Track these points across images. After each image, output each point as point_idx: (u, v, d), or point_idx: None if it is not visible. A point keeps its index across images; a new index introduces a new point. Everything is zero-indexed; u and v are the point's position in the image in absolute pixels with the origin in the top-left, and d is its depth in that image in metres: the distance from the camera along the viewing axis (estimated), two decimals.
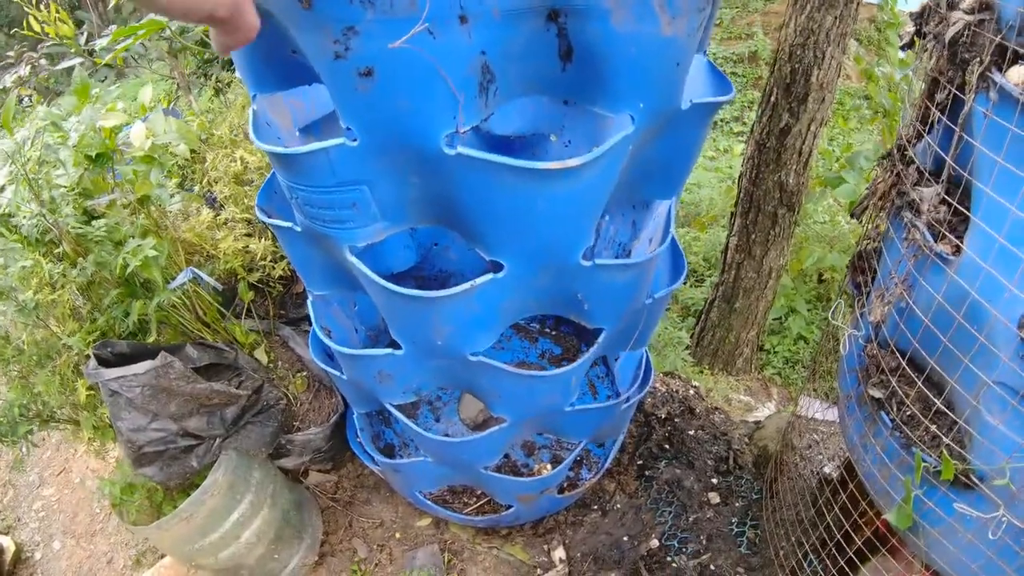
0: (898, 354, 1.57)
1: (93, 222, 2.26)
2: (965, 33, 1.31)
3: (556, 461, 2.62)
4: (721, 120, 6.43)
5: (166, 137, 2.24)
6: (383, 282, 1.59)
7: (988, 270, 1.26)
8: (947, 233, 1.43)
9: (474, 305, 1.61)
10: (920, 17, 1.59)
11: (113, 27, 4.02)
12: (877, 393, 1.58)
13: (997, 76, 1.22)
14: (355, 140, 1.36)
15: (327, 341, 1.93)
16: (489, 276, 1.54)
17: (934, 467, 1.43)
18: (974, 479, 1.37)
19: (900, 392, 1.54)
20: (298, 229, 1.71)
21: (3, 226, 2.15)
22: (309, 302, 2.07)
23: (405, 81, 1.24)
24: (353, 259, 1.61)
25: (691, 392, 3.10)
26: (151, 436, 2.24)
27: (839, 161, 5.12)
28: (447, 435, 2.64)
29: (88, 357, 2.22)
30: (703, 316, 4.84)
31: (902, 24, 4.85)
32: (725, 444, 2.77)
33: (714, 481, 2.69)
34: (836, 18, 4.23)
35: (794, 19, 4.29)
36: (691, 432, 2.80)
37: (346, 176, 1.44)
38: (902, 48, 1.63)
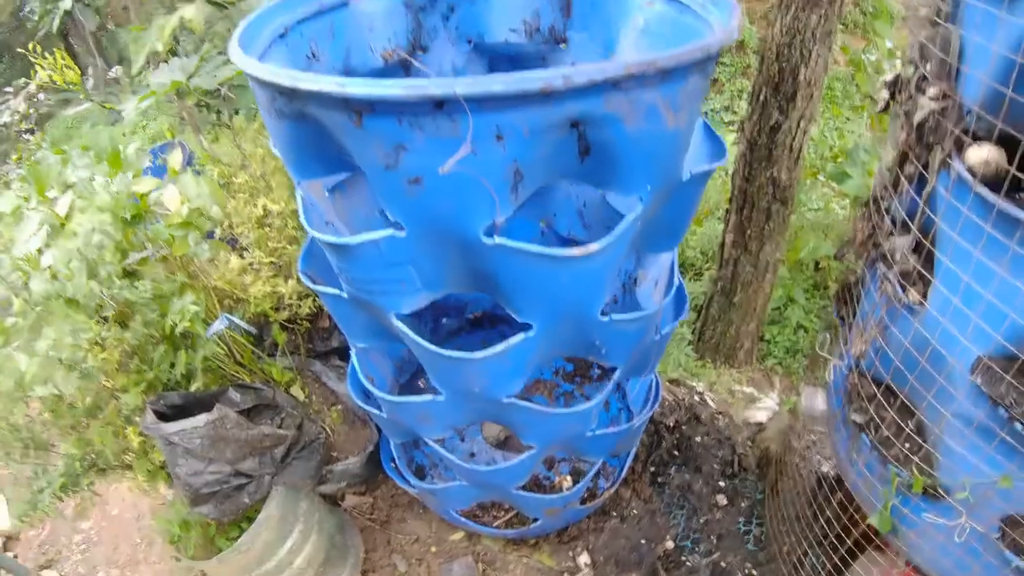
0: (874, 385, 1.89)
1: (135, 283, 2.54)
2: (930, 119, 1.61)
3: (575, 473, 2.94)
4: (711, 110, 6.72)
5: (199, 200, 2.51)
6: (427, 344, 1.88)
7: (946, 324, 1.57)
8: (917, 280, 1.75)
9: (508, 360, 1.91)
10: (893, 86, 1.89)
11: (117, 68, 4.26)
12: (858, 418, 1.91)
13: (956, 163, 1.52)
14: (402, 231, 1.65)
15: (372, 389, 2.23)
16: (521, 336, 1.84)
17: (907, 481, 1.75)
18: (941, 491, 1.70)
19: (876, 418, 1.86)
20: (344, 295, 2.00)
21: (50, 287, 2.40)
22: (352, 352, 2.36)
23: (449, 187, 1.53)
24: (399, 324, 1.90)
25: (696, 399, 3.43)
26: (207, 479, 2.54)
27: (833, 150, 5.42)
28: (472, 454, 2.96)
29: (143, 410, 2.51)
30: (703, 311, 5.15)
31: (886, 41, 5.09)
32: (730, 448, 3.11)
33: (721, 484, 3.02)
34: (820, 17, 4.49)
35: (780, 19, 4.55)
36: (698, 438, 3.13)
37: (393, 259, 1.74)
38: (879, 111, 1.93)
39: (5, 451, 2.60)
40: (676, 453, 3.10)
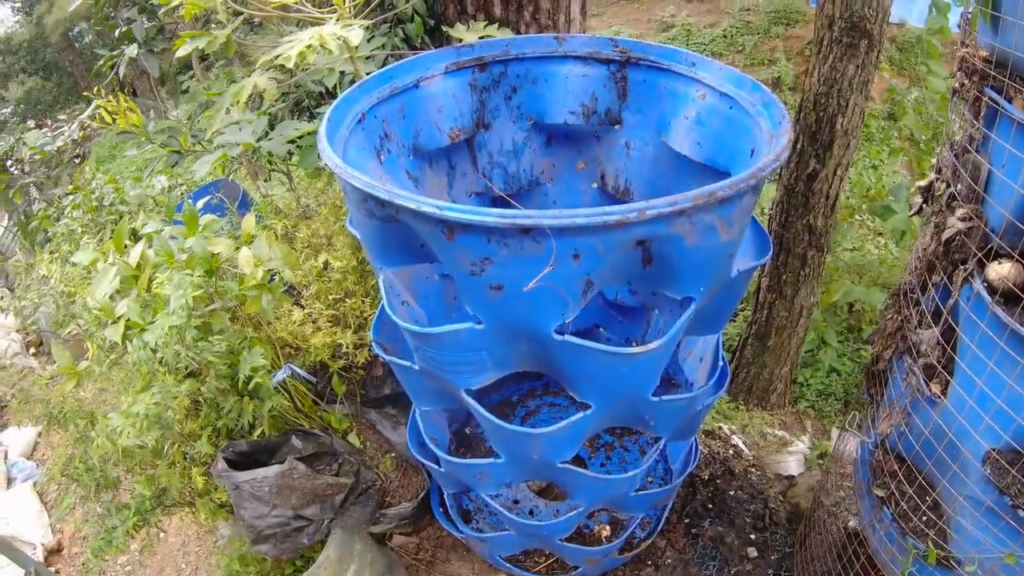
0: (897, 462, 2.15)
1: (210, 339, 2.82)
2: (957, 237, 1.86)
3: (613, 523, 3.20)
4: None
5: (272, 264, 2.80)
6: (493, 418, 2.15)
7: (961, 420, 1.83)
8: (939, 373, 2.00)
9: (566, 434, 2.17)
10: (927, 192, 2.15)
11: (178, 112, 4.57)
12: (880, 492, 2.16)
13: (977, 282, 1.77)
14: (480, 324, 1.92)
15: (435, 451, 2.50)
16: (580, 415, 2.10)
17: (923, 552, 2.01)
18: (953, 563, 1.95)
19: (897, 493, 2.11)
20: (416, 368, 2.27)
21: (145, 353, 2.68)
22: (415, 412, 2.64)
23: (528, 295, 1.79)
24: (468, 399, 2.17)
25: (730, 452, 3.68)
26: (270, 522, 2.82)
27: (870, 192, 5.63)
28: (516, 501, 3.22)
29: (214, 459, 2.80)
30: (737, 353, 5.41)
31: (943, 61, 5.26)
32: (762, 502, 3.35)
33: (752, 537, 3.26)
34: (858, 67, 4.75)
35: (818, 69, 4.81)
36: (731, 492, 3.38)
37: (470, 347, 2.00)
38: (911, 215, 2.18)
39: (82, 490, 2.90)
40: (710, 506, 3.35)
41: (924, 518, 2.10)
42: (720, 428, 4.12)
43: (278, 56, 2.69)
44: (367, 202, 1.91)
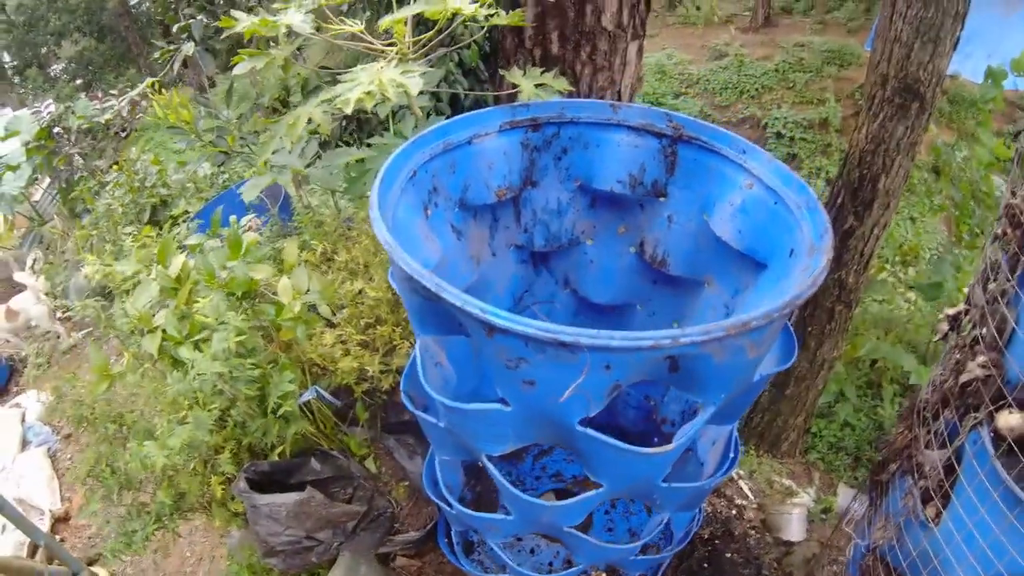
0: (884, 570, 2.29)
1: (243, 362, 2.97)
2: (974, 384, 1.98)
3: (611, 572, 3.36)
4: None
5: (310, 297, 2.95)
6: (509, 485, 2.30)
7: (947, 552, 1.96)
8: (936, 498, 2.12)
9: (577, 506, 2.32)
10: (954, 321, 2.26)
11: (228, 112, 4.71)
12: None
13: (984, 432, 1.89)
14: (508, 407, 2.07)
15: (450, 499, 2.66)
16: (593, 492, 2.25)
17: None
18: None
19: None
20: (441, 425, 2.43)
21: (186, 386, 2.83)
22: (434, 459, 2.80)
23: (559, 392, 1.93)
24: (488, 464, 2.32)
25: (732, 513, 3.82)
26: (283, 540, 3.00)
27: (903, 247, 5.70)
28: (519, 538, 3.39)
29: (236, 477, 2.99)
30: None
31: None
32: (756, 568, 3.50)
33: None
34: (907, 128, 4.79)
35: (867, 126, 4.86)
36: (728, 554, 3.52)
37: (495, 423, 2.15)
38: (936, 339, 2.30)
39: (106, 492, 3.09)
40: (706, 565, 3.49)
41: None
42: (728, 481, 4.26)
43: (336, 98, 2.82)
44: (412, 281, 2.04)
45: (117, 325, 3.10)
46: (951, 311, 2.25)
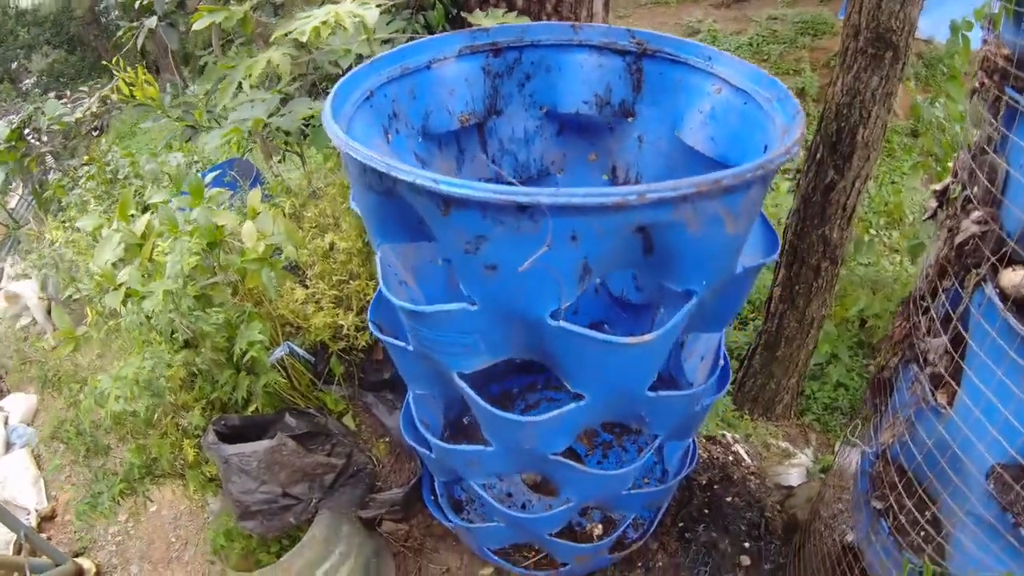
0: (897, 474, 2.08)
1: (207, 310, 2.79)
2: (970, 241, 1.80)
3: (606, 521, 3.15)
4: None
5: (275, 239, 2.77)
6: (485, 404, 2.11)
7: (966, 432, 1.76)
8: (946, 383, 1.93)
9: (558, 424, 2.13)
10: (942, 196, 2.09)
11: (194, 88, 4.57)
12: (878, 504, 2.10)
13: (989, 287, 1.71)
14: (474, 305, 1.88)
15: (427, 435, 2.46)
16: (573, 405, 2.06)
17: (919, 568, 1.94)
18: None
19: (896, 506, 2.05)
20: (410, 349, 2.24)
21: (137, 318, 2.66)
22: (408, 396, 2.61)
23: (523, 276, 1.75)
24: (460, 382, 2.13)
25: (730, 459, 3.61)
26: (258, 498, 2.79)
27: (888, 206, 5.55)
28: (509, 494, 3.18)
29: (203, 427, 2.78)
30: (745, 362, 5.33)
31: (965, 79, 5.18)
32: (758, 511, 3.29)
33: (746, 545, 3.20)
34: (882, 78, 4.66)
35: (841, 78, 4.73)
36: (728, 499, 3.32)
37: (463, 328, 1.97)
38: (924, 219, 2.12)
39: (72, 454, 2.88)
40: (706, 511, 3.29)
41: (922, 533, 2.03)
42: (723, 436, 4.06)
43: (292, 31, 2.67)
44: (366, 175, 1.87)
45: (80, 285, 2.92)
46: (938, 186, 2.08)
